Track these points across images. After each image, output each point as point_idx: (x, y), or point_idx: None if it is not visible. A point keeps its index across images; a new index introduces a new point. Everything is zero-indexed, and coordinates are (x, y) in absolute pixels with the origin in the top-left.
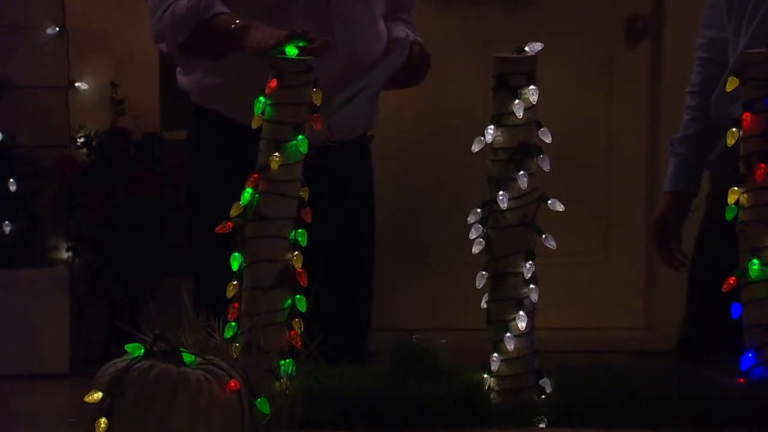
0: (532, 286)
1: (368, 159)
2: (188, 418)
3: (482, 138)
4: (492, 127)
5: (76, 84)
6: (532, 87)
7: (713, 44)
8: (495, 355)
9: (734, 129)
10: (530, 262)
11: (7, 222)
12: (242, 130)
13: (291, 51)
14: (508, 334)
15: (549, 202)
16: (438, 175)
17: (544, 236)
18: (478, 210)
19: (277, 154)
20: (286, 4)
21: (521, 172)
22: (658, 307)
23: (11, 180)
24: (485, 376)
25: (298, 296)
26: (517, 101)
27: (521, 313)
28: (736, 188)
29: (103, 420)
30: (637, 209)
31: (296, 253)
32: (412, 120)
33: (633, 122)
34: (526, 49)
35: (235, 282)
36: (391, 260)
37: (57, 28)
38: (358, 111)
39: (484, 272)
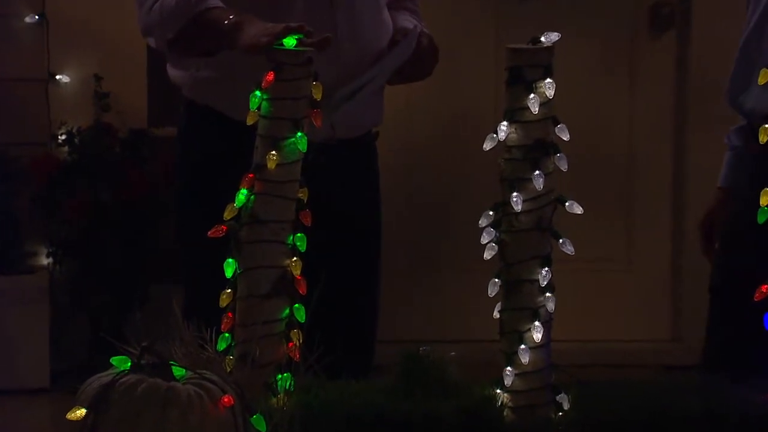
0: (548, 294)
1: (374, 159)
2: None
3: (494, 135)
4: (505, 123)
5: (57, 77)
6: (548, 80)
7: None
8: (508, 368)
9: (767, 126)
10: (546, 268)
11: None
12: (239, 128)
13: (289, 42)
14: (523, 347)
15: (567, 204)
16: (447, 176)
17: (561, 241)
18: (490, 212)
19: (274, 152)
20: None
21: (536, 172)
22: (686, 317)
23: None
24: (498, 391)
25: (296, 305)
26: (532, 95)
27: (537, 323)
28: None
29: None
30: (663, 211)
31: (295, 258)
32: (419, 116)
33: (658, 118)
34: (542, 39)
35: (229, 290)
36: (395, 267)
37: (36, 16)
38: (362, 107)
39: (496, 279)
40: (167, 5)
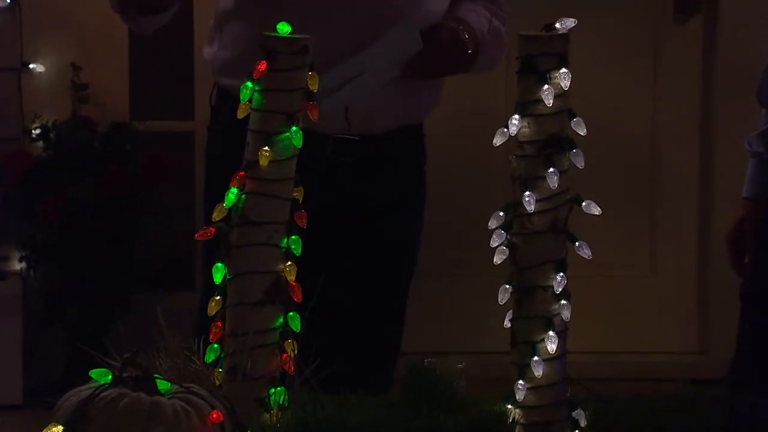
0: (563, 301)
1: (414, 159)
2: None
3: (505, 130)
4: (517, 116)
5: (31, 66)
6: (563, 70)
7: None
8: (520, 382)
9: None
10: (561, 274)
11: None
12: None
13: (283, 29)
14: (536, 358)
15: (583, 204)
16: (453, 174)
17: (577, 244)
18: (501, 213)
19: (266, 148)
20: None
21: (551, 170)
22: (713, 328)
23: None
24: (509, 406)
25: (290, 313)
26: (546, 87)
27: (551, 333)
28: None
29: None
30: (689, 212)
31: (289, 263)
32: None
33: (683, 110)
34: (557, 25)
35: (218, 297)
36: None
37: (8, 0)
38: (379, 99)
39: (507, 286)
40: None
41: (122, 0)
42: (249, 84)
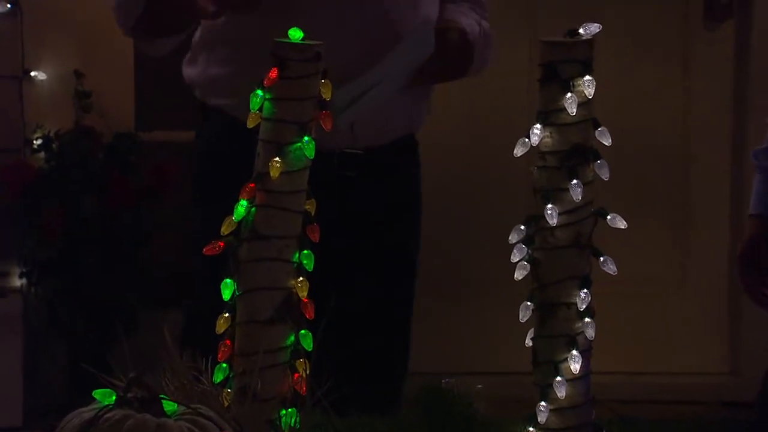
0: (587, 319)
1: (411, 169)
2: None
3: (527, 140)
4: (539, 126)
5: (33, 73)
6: (587, 78)
7: None
8: (542, 404)
9: None
10: (585, 290)
11: None
12: (252, 135)
13: (295, 35)
14: (559, 379)
15: (608, 217)
16: (472, 185)
17: (602, 259)
18: (522, 227)
19: (277, 159)
20: None
21: (574, 181)
22: (746, 348)
23: None
24: (530, 429)
25: (302, 331)
26: (569, 95)
27: (574, 352)
28: None
29: None
30: (720, 227)
31: (301, 279)
32: (440, 118)
33: (714, 120)
34: (581, 31)
35: (227, 314)
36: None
37: (9, 5)
38: (387, 109)
39: (528, 303)
40: None
41: (138, 22)
42: (260, 92)
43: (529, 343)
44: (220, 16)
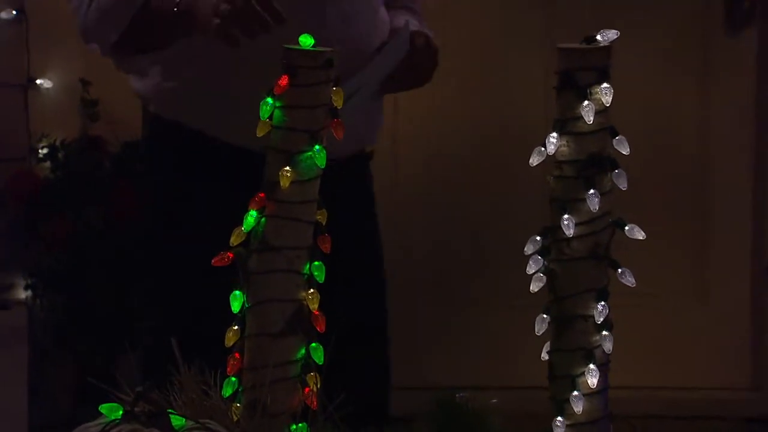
0: (605, 332)
1: (369, 182)
2: None
3: (543, 148)
4: (555, 134)
5: (38, 81)
6: (604, 85)
7: None
8: (559, 419)
9: None
10: (603, 302)
11: None
12: (216, 148)
13: (306, 41)
14: (576, 393)
15: (626, 228)
16: (486, 195)
17: (620, 271)
18: (538, 238)
19: (288, 168)
20: None
21: (591, 191)
22: None
23: None
24: None
25: (313, 345)
26: (586, 103)
27: (592, 366)
28: None
29: None
30: (742, 238)
31: (312, 291)
32: (453, 126)
33: (735, 129)
34: (598, 38)
35: (236, 327)
36: (425, 301)
37: (14, 12)
38: (361, 118)
39: (545, 315)
40: (105, 3)
41: (122, 36)
42: (269, 100)
43: (545, 356)
44: (222, 35)
